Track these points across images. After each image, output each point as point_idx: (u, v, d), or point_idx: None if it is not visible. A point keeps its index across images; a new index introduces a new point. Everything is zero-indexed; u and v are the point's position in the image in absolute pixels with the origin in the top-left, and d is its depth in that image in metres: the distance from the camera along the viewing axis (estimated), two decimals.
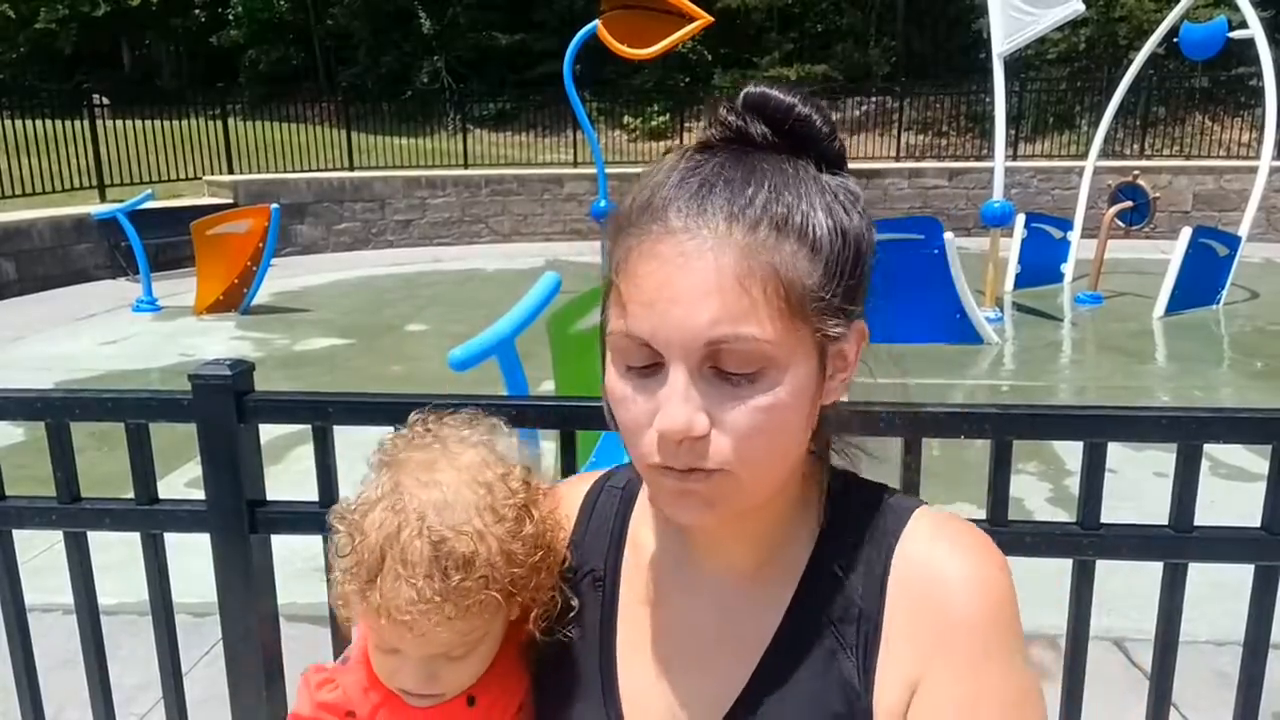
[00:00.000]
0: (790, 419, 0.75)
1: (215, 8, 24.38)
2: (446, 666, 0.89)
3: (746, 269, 0.71)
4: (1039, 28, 8.48)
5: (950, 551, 0.80)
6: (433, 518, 0.84)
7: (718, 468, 0.73)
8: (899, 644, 0.79)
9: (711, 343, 0.71)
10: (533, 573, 0.88)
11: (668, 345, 0.72)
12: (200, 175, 13.86)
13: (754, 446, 0.73)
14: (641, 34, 8.56)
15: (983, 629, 0.76)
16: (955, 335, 7.63)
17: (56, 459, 1.53)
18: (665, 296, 0.71)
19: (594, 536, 0.95)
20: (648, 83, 20.72)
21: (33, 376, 6.82)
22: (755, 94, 0.78)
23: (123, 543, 1.58)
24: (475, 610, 0.84)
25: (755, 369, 0.72)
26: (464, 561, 0.82)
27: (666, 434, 0.72)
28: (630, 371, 0.75)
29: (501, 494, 0.87)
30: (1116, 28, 19.57)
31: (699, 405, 0.72)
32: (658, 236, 0.73)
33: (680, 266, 0.71)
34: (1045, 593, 2.42)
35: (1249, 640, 1.44)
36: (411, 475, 0.87)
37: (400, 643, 0.87)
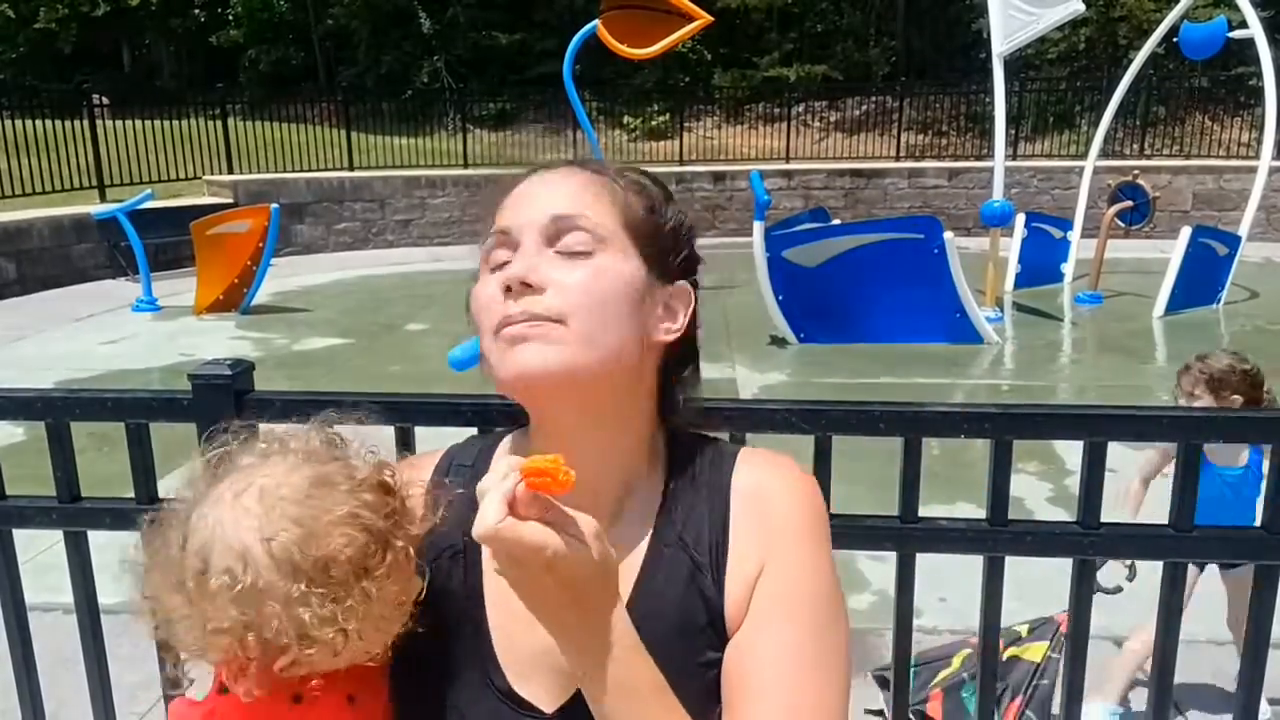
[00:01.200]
0: (613, 289, 0.91)
1: (215, 7, 24.36)
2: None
3: (593, 183, 0.95)
4: (1039, 27, 8.48)
5: (772, 474, 0.98)
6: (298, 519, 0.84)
7: (552, 316, 0.88)
8: (741, 552, 0.94)
9: (559, 218, 0.91)
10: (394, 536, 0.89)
11: (522, 228, 0.92)
12: (200, 175, 13.86)
13: (582, 298, 0.89)
14: (641, 34, 8.56)
15: (806, 525, 0.95)
16: (955, 335, 7.63)
17: (56, 459, 1.53)
18: (527, 194, 0.95)
19: (446, 515, 1.00)
20: (648, 82, 20.70)
21: (33, 376, 6.82)
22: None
23: (123, 542, 1.58)
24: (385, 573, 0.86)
25: (586, 250, 0.91)
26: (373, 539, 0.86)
27: (508, 279, 0.89)
28: (494, 270, 0.93)
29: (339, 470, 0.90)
30: (1116, 27, 19.57)
31: (536, 263, 0.90)
32: (533, 175, 0.98)
33: (540, 180, 0.97)
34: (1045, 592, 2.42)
35: (1249, 640, 1.44)
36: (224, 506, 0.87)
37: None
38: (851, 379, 6.87)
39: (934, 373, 7.05)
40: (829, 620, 0.92)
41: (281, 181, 13.61)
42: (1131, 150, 16.61)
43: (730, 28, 20.46)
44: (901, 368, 7.04)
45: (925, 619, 3.30)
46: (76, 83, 13.57)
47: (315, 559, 0.84)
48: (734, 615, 0.92)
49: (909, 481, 1.38)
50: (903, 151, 17.41)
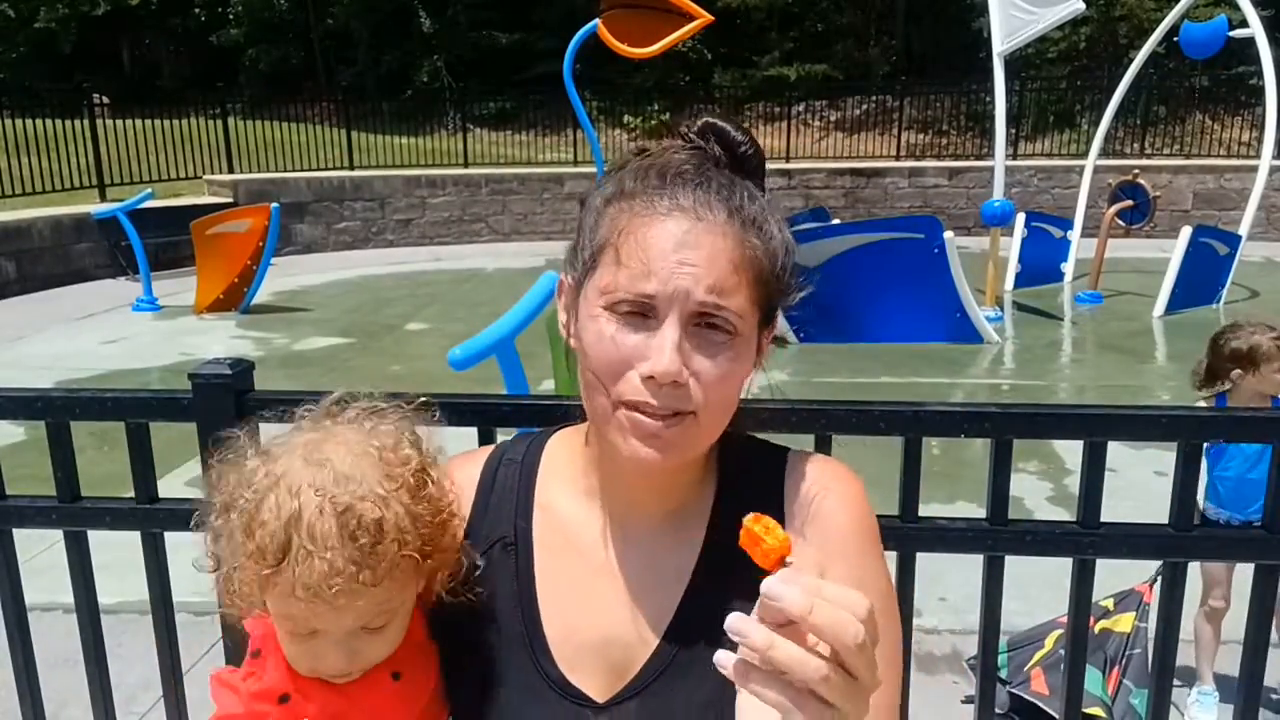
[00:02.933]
0: (740, 380, 0.92)
1: (215, 7, 24.34)
2: (366, 640, 0.90)
3: (739, 255, 0.88)
4: (1039, 27, 8.48)
5: (824, 480, 0.99)
6: (333, 491, 0.85)
7: (687, 411, 0.87)
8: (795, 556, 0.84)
9: (704, 303, 0.86)
10: (440, 533, 0.92)
11: (670, 300, 0.86)
12: (200, 175, 13.86)
13: (717, 395, 0.89)
14: (641, 33, 8.55)
15: (862, 532, 0.97)
16: (955, 334, 7.63)
17: (56, 458, 1.53)
18: (677, 259, 0.86)
19: (498, 506, 1.04)
20: (648, 82, 20.70)
21: (33, 376, 6.82)
22: (715, 124, 0.96)
23: (123, 542, 1.58)
24: (391, 576, 0.87)
25: (727, 335, 0.88)
26: (374, 527, 0.85)
27: (660, 376, 0.85)
28: (613, 315, 0.88)
29: (395, 461, 0.91)
30: (1117, 27, 19.57)
31: (683, 355, 0.86)
32: (669, 210, 0.88)
33: (693, 239, 0.87)
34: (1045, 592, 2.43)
35: (1249, 640, 1.44)
36: (299, 458, 0.89)
37: (319, 621, 0.87)
38: (851, 379, 6.87)
39: (934, 372, 7.04)
40: (886, 626, 0.88)
41: (281, 181, 13.60)
42: (1132, 149, 16.61)
43: (730, 27, 20.45)
44: (901, 368, 7.04)
45: (925, 619, 3.30)
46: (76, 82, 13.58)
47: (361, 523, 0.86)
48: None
49: (909, 481, 1.38)
50: (903, 151, 17.40)
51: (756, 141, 0.97)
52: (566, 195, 14.64)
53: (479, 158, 16.76)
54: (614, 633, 0.95)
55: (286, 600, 0.86)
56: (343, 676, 0.92)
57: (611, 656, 0.95)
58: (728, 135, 0.95)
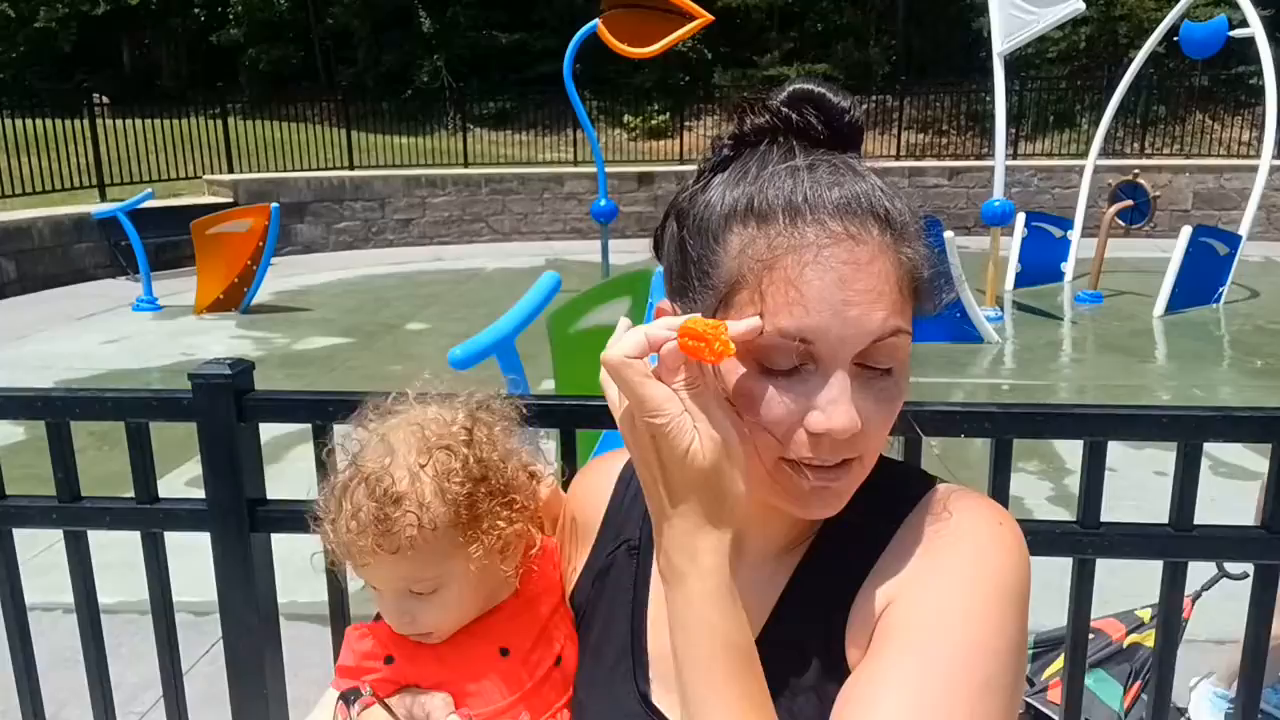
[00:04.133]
0: (903, 403, 0.80)
1: (215, 6, 24.34)
2: (417, 603, 0.96)
3: (902, 273, 0.77)
4: (1039, 27, 8.47)
5: (958, 517, 0.82)
6: (375, 462, 0.95)
7: (854, 456, 0.78)
8: (877, 583, 0.81)
9: (876, 340, 0.75)
10: (480, 507, 0.95)
11: (839, 345, 0.74)
12: (200, 175, 13.86)
13: (881, 435, 0.79)
14: (641, 33, 8.56)
15: (967, 563, 0.79)
16: (955, 334, 7.63)
17: (57, 458, 1.53)
18: (841, 299, 0.73)
19: (631, 507, 1.01)
20: (648, 82, 20.69)
21: (33, 376, 6.82)
22: (813, 92, 0.81)
23: (123, 542, 1.58)
24: (411, 545, 0.92)
25: (892, 365, 0.78)
26: (392, 499, 0.92)
27: (837, 434, 0.74)
28: (768, 372, 0.76)
29: (435, 432, 0.97)
30: (1117, 26, 19.57)
31: (855, 404, 0.75)
32: (820, 239, 0.74)
33: (853, 270, 0.74)
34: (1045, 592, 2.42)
35: (1249, 640, 1.44)
36: (376, 436, 0.99)
37: (366, 576, 0.97)
38: None
39: (934, 372, 7.04)
40: (979, 677, 0.73)
41: (281, 181, 13.61)
42: (1132, 149, 16.61)
43: (730, 26, 20.46)
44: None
45: None
46: (76, 82, 13.58)
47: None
48: (854, 659, 0.80)
49: None
50: (903, 151, 17.41)
51: (856, 103, 0.82)
52: (567, 195, 14.64)
53: (479, 158, 16.76)
54: None
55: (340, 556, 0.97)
56: (423, 637, 0.98)
57: None
58: (827, 103, 0.80)
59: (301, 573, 1.10)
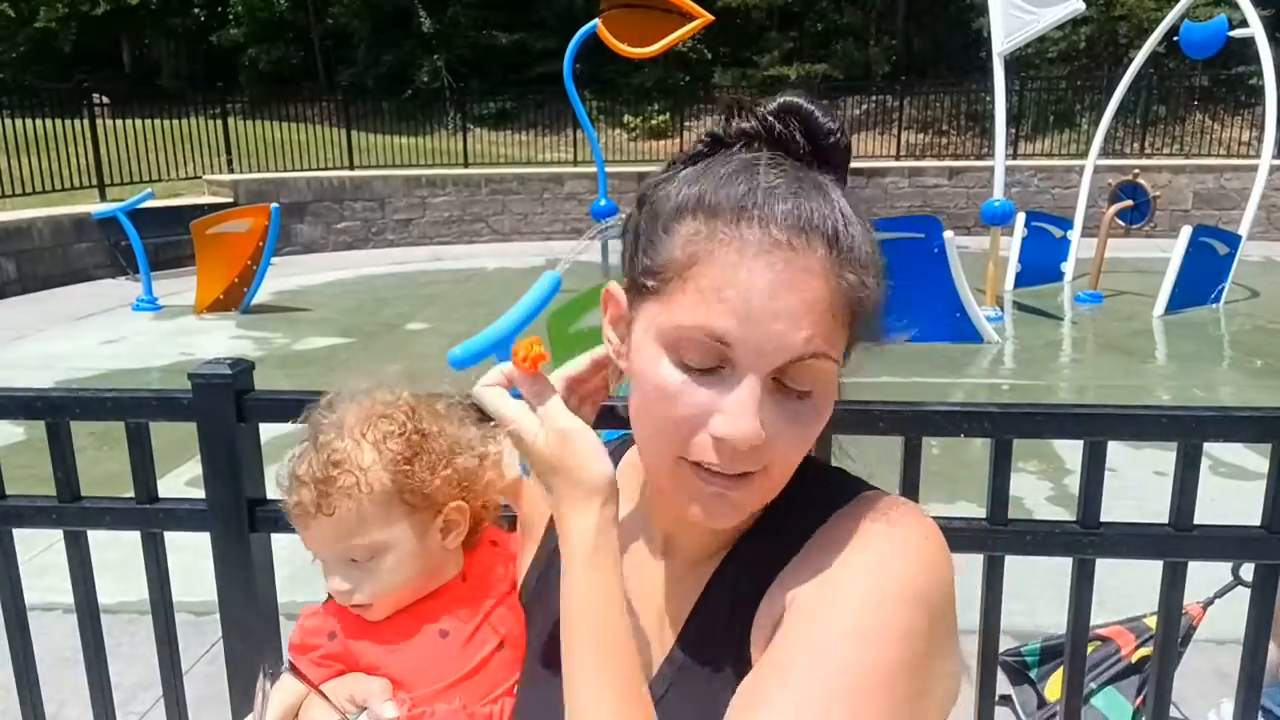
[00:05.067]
0: (819, 426, 0.79)
1: (215, 6, 24.36)
2: (357, 572, 0.99)
3: (837, 297, 0.74)
4: (1039, 26, 8.47)
5: (887, 525, 0.80)
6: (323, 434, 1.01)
7: (758, 469, 0.77)
8: (779, 590, 0.81)
9: (797, 359, 0.73)
10: (418, 480, 0.99)
11: (755, 354, 0.73)
12: (200, 175, 13.86)
13: (789, 458, 0.78)
14: (641, 33, 8.55)
15: (873, 574, 0.77)
16: (955, 334, 7.63)
17: (56, 458, 1.53)
18: (769, 309, 0.72)
19: None
20: (648, 82, 20.70)
21: (33, 376, 6.82)
22: (802, 107, 0.80)
23: (123, 542, 1.58)
24: (347, 508, 0.97)
25: (810, 388, 0.76)
26: (333, 463, 0.97)
27: (735, 441, 0.74)
28: (678, 361, 0.76)
29: (381, 402, 1.02)
30: (1117, 26, 19.56)
31: (762, 416, 0.74)
32: (760, 244, 0.73)
33: (786, 283, 0.72)
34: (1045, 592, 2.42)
35: (1249, 640, 1.44)
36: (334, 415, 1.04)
37: (308, 543, 1.01)
38: (852, 379, 6.87)
39: (934, 372, 7.04)
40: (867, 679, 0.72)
41: (281, 181, 13.61)
42: (1132, 149, 16.61)
43: (730, 26, 20.47)
44: (901, 367, 7.03)
45: None
46: (76, 82, 13.51)
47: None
48: (755, 659, 0.81)
49: (909, 481, 1.38)
50: (903, 150, 17.40)
51: (845, 128, 0.81)
52: (567, 195, 14.64)
53: (479, 158, 16.76)
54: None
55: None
56: (357, 608, 1.01)
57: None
58: (813, 121, 0.79)
59: (301, 573, 1.10)
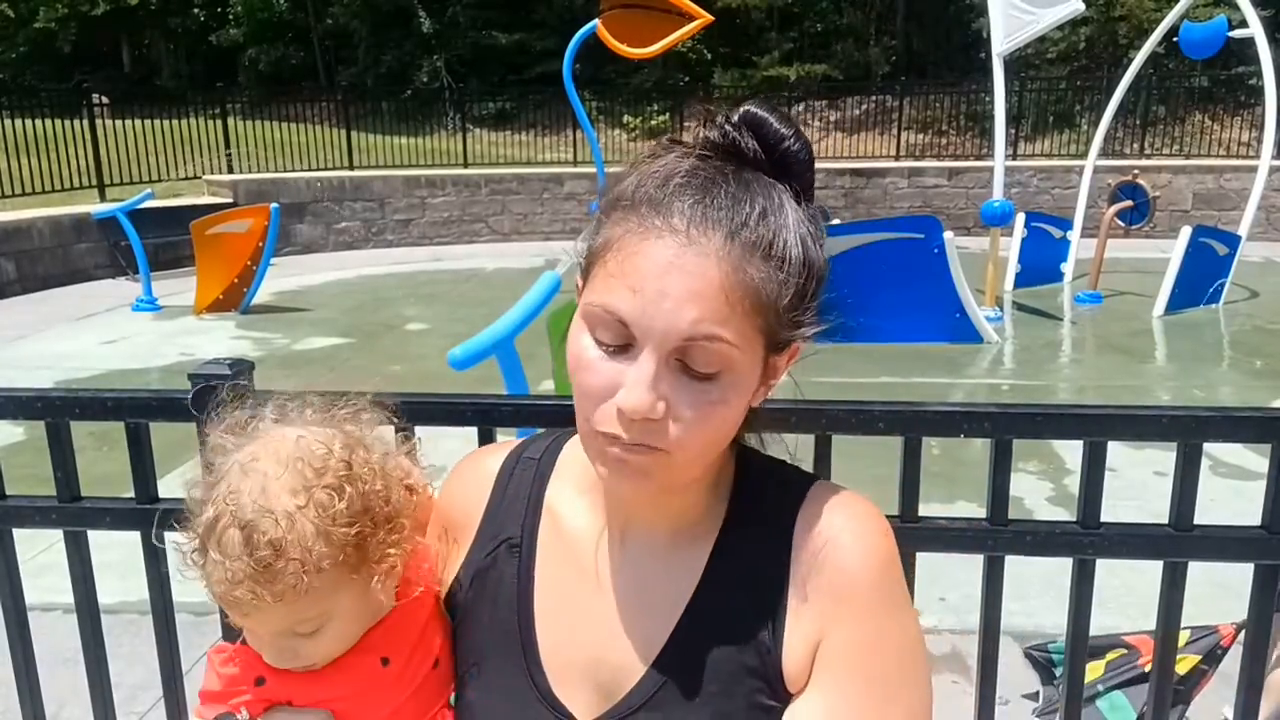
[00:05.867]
0: (730, 417, 0.84)
1: (215, 7, 24.36)
2: (301, 642, 0.91)
3: (733, 283, 0.79)
4: (1039, 27, 8.47)
5: (843, 521, 0.90)
6: (245, 504, 0.86)
7: (660, 448, 0.81)
8: (802, 605, 0.88)
9: (688, 339, 0.78)
10: (367, 542, 0.90)
11: (647, 332, 0.78)
12: (200, 175, 13.86)
13: (696, 436, 0.82)
14: (641, 33, 8.55)
15: (874, 585, 0.88)
16: (955, 334, 7.63)
17: (56, 458, 1.53)
18: (657, 289, 0.78)
19: (510, 505, 1.01)
20: (647, 82, 20.72)
21: (33, 376, 6.82)
22: (756, 115, 0.85)
23: (123, 542, 1.58)
24: (298, 591, 0.86)
25: (715, 370, 0.80)
26: (272, 547, 0.85)
27: (628, 412, 0.79)
28: (600, 344, 0.82)
29: (314, 471, 0.89)
30: (1116, 27, 19.57)
31: (660, 392, 0.79)
32: (659, 231, 0.79)
33: (678, 266, 0.78)
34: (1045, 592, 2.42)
35: (1248, 640, 1.44)
36: (238, 462, 0.90)
37: (243, 621, 0.91)
38: (851, 379, 6.86)
39: (934, 373, 7.04)
40: (892, 691, 0.87)
41: (281, 181, 13.61)
42: (1131, 150, 16.61)
43: (730, 27, 20.47)
44: (901, 368, 7.04)
45: (925, 619, 3.30)
46: (76, 82, 13.57)
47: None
48: (793, 673, 0.88)
49: (909, 481, 1.38)
50: (903, 151, 17.40)
51: (803, 135, 0.85)
52: (566, 195, 14.64)
53: (479, 158, 16.76)
54: (603, 653, 0.92)
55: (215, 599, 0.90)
56: (306, 668, 0.93)
57: (600, 677, 0.92)
58: (766, 128, 0.84)
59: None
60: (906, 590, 0.92)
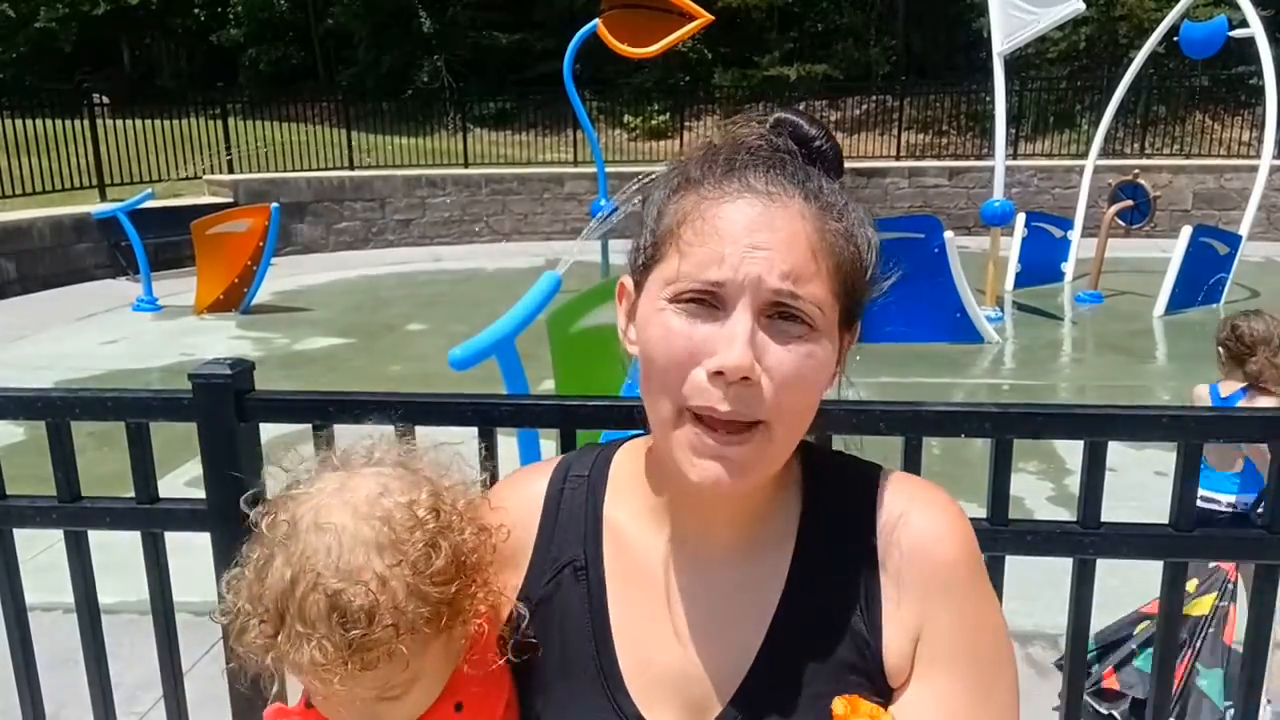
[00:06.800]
0: (821, 379, 0.83)
1: (215, 7, 24.34)
2: (387, 707, 0.85)
3: (819, 241, 0.81)
4: (1039, 27, 8.48)
5: (922, 510, 0.89)
6: (325, 567, 0.79)
7: (758, 419, 0.79)
8: (898, 596, 0.87)
9: (781, 293, 0.78)
10: (460, 597, 0.84)
11: (742, 286, 0.78)
12: (200, 175, 13.86)
13: (793, 398, 0.80)
14: (642, 33, 8.56)
15: (965, 570, 0.88)
16: (955, 334, 7.63)
17: (57, 458, 1.53)
18: (748, 243, 0.78)
19: (565, 527, 0.96)
20: (648, 82, 20.70)
21: (33, 376, 6.82)
22: (789, 119, 0.88)
23: (123, 542, 1.58)
24: (387, 659, 0.80)
25: (805, 328, 0.80)
26: (364, 615, 0.78)
27: (729, 370, 0.77)
28: (679, 307, 0.80)
29: (403, 527, 0.82)
30: (1117, 26, 19.56)
31: (756, 352, 0.78)
32: (739, 192, 0.81)
33: (765, 222, 0.79)
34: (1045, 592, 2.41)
35: (1248, 640, 1.44)
36: (306, 518, 0.82)
37: (326, 692, 0.83)
38: (851, 379, 6.87)
39: (934, 372, 7.04)
40: (996, 671, 0.88)
41: (282, 181, 13.61)
42: (1132, 149, 16.61)
43: (731, 27, 20.45)
44: (901, 367, 7.04)
45: None
46: (76, 82, 13.56)
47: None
48: (895, 665, 0.87)
49: None
50: (903, 151, 17.40)
51: (833, 136, 0.88)
52: (567, 195, 14.64)
53: (479, 158, 16.76)
54: (694, 668, 0.88)
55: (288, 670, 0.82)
56: None
57: (692, 693, 0.88)
58: (801, 130, 0.87)
59: None
60: (986, 574, 0.92)
